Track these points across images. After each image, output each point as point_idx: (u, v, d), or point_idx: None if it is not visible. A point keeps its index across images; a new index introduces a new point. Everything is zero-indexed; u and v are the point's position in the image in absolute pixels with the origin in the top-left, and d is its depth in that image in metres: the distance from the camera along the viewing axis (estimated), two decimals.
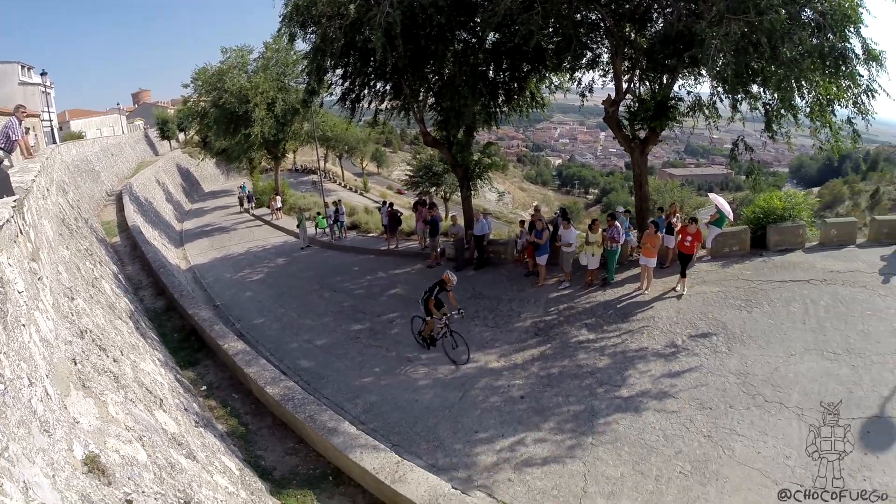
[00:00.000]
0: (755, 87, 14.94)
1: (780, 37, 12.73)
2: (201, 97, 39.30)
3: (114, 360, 6.88)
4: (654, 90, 16.96)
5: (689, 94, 17.45)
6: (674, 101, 16.78)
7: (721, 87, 15.25)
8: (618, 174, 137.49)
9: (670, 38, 15.16)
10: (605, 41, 17.18)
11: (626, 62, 17.17)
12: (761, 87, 14.78)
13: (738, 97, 15.39)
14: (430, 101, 20.58)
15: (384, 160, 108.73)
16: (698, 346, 11.80)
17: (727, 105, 16.10)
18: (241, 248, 28.81)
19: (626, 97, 17.61)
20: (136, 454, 4.78)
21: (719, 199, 15.82)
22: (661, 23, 16.29)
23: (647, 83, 17.50)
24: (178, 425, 6.90)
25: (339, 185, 70.71)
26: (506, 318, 14.47)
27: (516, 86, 19.80)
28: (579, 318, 13.93)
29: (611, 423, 9.58)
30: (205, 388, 10.75)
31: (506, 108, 20.63)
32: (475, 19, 17.47)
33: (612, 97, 17.40)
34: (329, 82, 20.61)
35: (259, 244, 29.52)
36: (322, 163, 74.15)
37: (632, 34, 16.72)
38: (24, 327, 4.31)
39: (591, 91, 18.81)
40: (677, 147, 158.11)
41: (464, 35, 18.54)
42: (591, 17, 16.68)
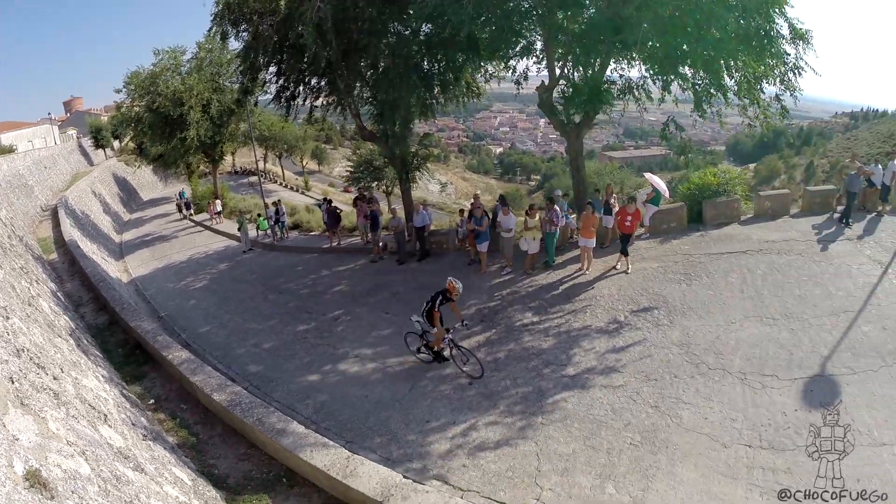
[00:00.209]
0: (684, 69, 15.33)
1: (706, 19, 13.09)
2: (135, 102, 38.02)
3: (54, 377, 6.65)
4: (587, 75, 17.22)
5: (621, 78, 17.81)
6: (607, 86, 17.07)
7: (651, 69, 15.62)
8: (558, 159, 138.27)
9: (601, 24, 15.44)
10: (538, 28, 17.34)
11: (559, 49, 17.38)
12: (690, 68, 15.18)
13: (668, 79, 15.78)
14: (366, 94, 20.43)
15: (325, 157, 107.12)
16: (641, 321, 12.10)
17: (659, 87, 16.49)
18: (182, 255, 28.09)
19: (560, 83, 17.84)
20: (78, 468, 4.67)
21: (654, 178, 16.18)
22: (592, 9, 16.54)
23: (580, 69, 17.70)
24: (125, 439, 6.72)
25: (280, 185, 69.49)
26: None
27: (452, 76, 19.77)
28: (523, 302, 14.10)
29: (559, 401, 9.73)
30: (153, 401, 10.45)
31: (442, 99, 20.63)
32: (408, 11, 17.40)
33: (546, 84, 17.61)
34: (263, 80, 20.29)
35: (201, 250, 28.84)
36: (261, 163, 72.91)
37: (564, 21, 16.91)
38: None
39: (526, 79, 18.97)
40: (616, 130, 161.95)
41: (397, 27, 18.41)
42: (524, 4, 16.81)
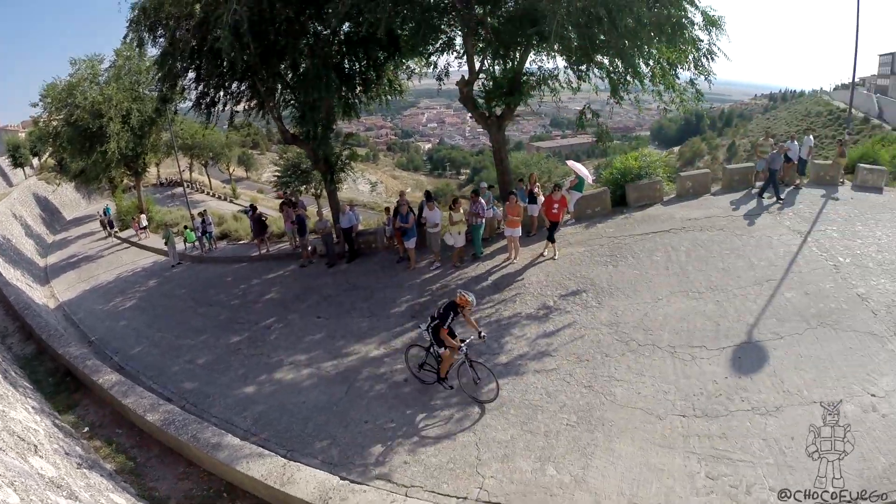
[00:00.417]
0: (601, 58, 15.72)
1: (619, 9, 13.45)
2: (52, 116, 36.03)
3: None
4: (507, 68, 17.46)
5: (540, 70, 18.11)
6: (526, 77, 17.33)
7: (567, 59, 15.96)
8: (487, 152, 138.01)
9: (518, 17, 15.67)
10: (458, 24, 17.45)
11: (479, 43, 17.55)
12: (606, 57, 15.58)
13: (584, 68, 16.16)
14: (287, 97, 20.14)
15: (252, 163, 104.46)
16: (570, 305, 12.42)
17: (575, 77, 16.87)
18: (110, 275, 27.04)
19: (481, 77, 18.03)
20: (6, 498, 4.55)
21: (576, 165, 16.55)
22: (510, 2, 16.75)
23: (499, 62, 17.93)
24: (57, 469, 6.52)
25: (208, 194, 67.43)
26: (381, 306, 14.59)
27: (374, 74, 19.73)
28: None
29: (494, 389, 9.86)
30: (87, 429, 10.12)
31: (364, 98, 20.54)
32: (326, 10, 17.20)
33: (466, 78, 17.77)
34: (182, 87, 19.72)
35: (129, 268, 27.82)
36: (187, 173, 70.81)
37: (483, 15, 17.08)
38: None
39: (448, 74, 19.01)
40: (543, 121, 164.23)
41: (316, 27, 18.17)
42: (443, 1, 16.86)
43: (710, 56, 15.85)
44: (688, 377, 9.53)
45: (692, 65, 15.97)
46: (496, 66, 18.13)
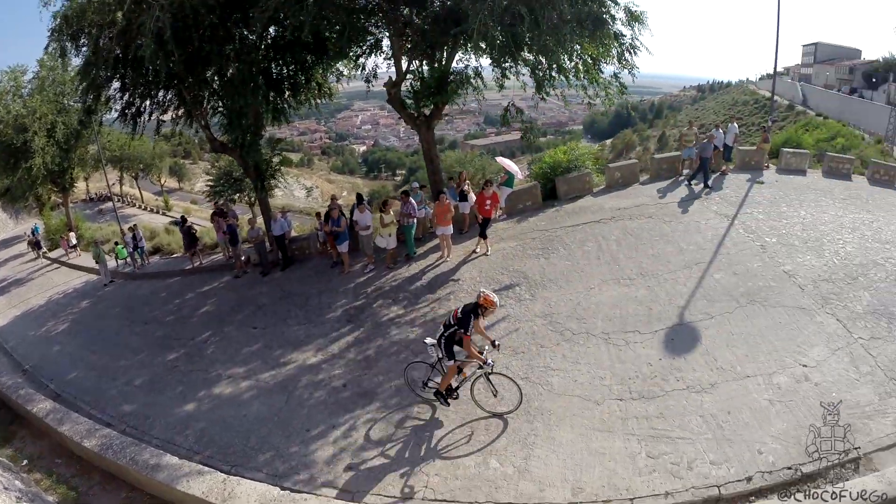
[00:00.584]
0: (526, 54, 15.99)
1: (541, 7, 13.73)
2: None
3: None
4: (434, 68, 17.59)
5: (466, 68, 18.30)
6: (453, 76, 17.49)
7: (491, 57, 16.20)
8: (422, 152, 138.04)
9: (443, 17, 15.81)
10: (384, 25, 17.47)
11: (407, 44, 17.61)
12: (530, 54, 15.87)
13: (508, 65, 16.42)
14: (216, 104, 19.71)
15: (185, 173, 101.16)
16: (503, 299, 12.53)
17: (499, 74, 17.08)
18: (41, 298, 25.91)
19: (409, 77, 18.11)
20: None
21: (506, 161, 16.79)
22: (437, 2, 16.84)
23: (427, 62, 18.03)
24: None
25: (140, 207, 65.14)
26: (317, 312, 14.51)
27: (302, 78, 19.46)
28: (388, 297, 14.32)
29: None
30: (26, 462, 9.84)
31: (294, 102, 20.24)
32: (251, 14, 16.90)
33: (394, 79, 17.83)
34: (107, 97, 19.09)
35: (60, 290, 26.65)
36: (117, 186, 68.48)
37: (409, 16, 17.12)
38: None
39: (376, 76, 18.99)
40: (477, 119, 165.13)
41: (242, 32, 17.72)
42: (370, 3, 16.83)
43: (633, 50, 16.38)
44: (623, 362, 9.87)
45: (616, 59, 16.46)
46: (424, 67, 18.25)
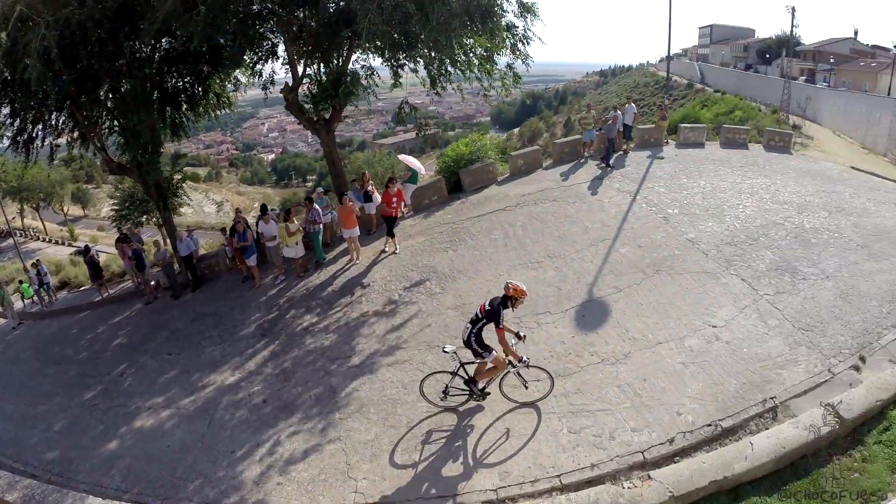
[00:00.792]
0: (420, 50, 16.08)
1: (430, 3, 13.83)
2: None
3: None
4: (329, 70, 17.42)
5: (363, 69, 18.23)
6: (349, 78, 17.37)
7: (382, 56, 16.23)
8: (325, 156, 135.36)
9: (335, 18, 15.70)
10: (278, 30, 17.18)
11: (303, 47, 17.38)
12: (423, 50, 15.97)
13: (403, 63, 16.48)
14: (112, 124, 18.70)
15: (89, 199, 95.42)
16: (414, 295, 12.75)
17: (391, 72, 17.10)
18: None
19: (306, 82, 17.89)
20: None
21: (408, 158, 16.81)
22: (331, 4, 16.77)
23: (323, 65, 17.81)
24: None
25: (44, 240, 61.24)
26: (230, 330, 14.13)
27: (199, 89, 18.83)
28: (300, 306, 14.11)
29: (352, 392, 10.03)
30: None
31: (192, 115, 19.53)
32: (139, 26, 16.11)
33: (290, 84, 17.57)
34: None
35: None
36: (18, 220, 64.22)
37: (303, 19, 16.91)
38: None
39: (273, 82, 18.61)
40: (385, 118, 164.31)
41: (133, 45, 16.76)
42: (264, 8, 16.47)
43: (526, 41, 16.87)
44: (536, 343, 10.07)
45: (509, 50, 16.86)
46: (321, 70, 18.03)
